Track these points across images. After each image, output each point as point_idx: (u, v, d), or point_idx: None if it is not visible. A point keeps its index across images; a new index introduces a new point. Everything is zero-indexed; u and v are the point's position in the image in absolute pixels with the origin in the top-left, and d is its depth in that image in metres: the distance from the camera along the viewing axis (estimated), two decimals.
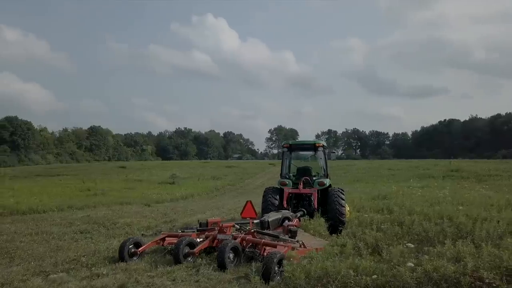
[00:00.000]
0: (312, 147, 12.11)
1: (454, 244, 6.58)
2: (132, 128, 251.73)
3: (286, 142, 12.50)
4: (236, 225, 8.87)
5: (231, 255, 7.14)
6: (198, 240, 8.16)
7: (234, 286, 6.00)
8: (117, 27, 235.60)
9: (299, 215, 10.52)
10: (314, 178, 11.77)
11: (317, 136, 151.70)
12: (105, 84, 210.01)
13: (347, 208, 11.25)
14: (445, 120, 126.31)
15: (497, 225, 7.94)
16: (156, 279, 6.48)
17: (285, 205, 10.95)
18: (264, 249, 7.31)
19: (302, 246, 7.49)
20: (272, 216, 9.25)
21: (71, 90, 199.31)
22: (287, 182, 11.53)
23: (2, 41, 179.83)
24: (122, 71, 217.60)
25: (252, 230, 8.26)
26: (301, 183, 11.41)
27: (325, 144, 12.30)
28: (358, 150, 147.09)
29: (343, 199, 10.63)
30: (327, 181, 11.44)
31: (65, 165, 75.05)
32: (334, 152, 14.55)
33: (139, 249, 7.97)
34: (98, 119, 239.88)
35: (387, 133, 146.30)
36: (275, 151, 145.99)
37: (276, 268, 6.10)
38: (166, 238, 8.48)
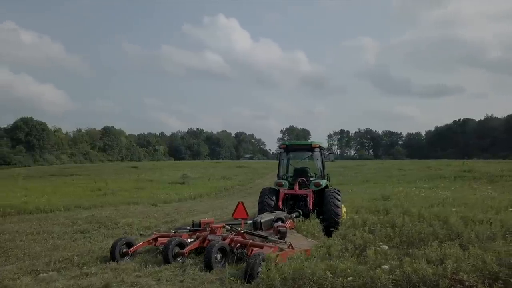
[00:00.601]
0: (309, 148, 12.10)
1: (440, 246, 6.52)
2: (145, 128, 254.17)
3: (283, 143, 12.53)
4: (226, 225, 8.94)
5: (219, 256, 7.20)
6: (189, 240, 8.25)
7: (217, 286, 6.06)
8: (130, 28, 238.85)
9: (294, 216, 10.54)
10: (311, 179, 11.76)
11: (330, 136, 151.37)
12: (118, 84, 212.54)
13: (344, 209, 11.23)
14: (459, 119, 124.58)
15: (489, 227, 7.84)
16: (142, 278, 6.58)
17: (280, 206, 10.98)
18: (252, 249, 7.36)
19: (290, 247, 7.51)
20: (265, 217, 9.29)
21: (85, 91, 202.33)
22: (283, 183, 11.56)
23: (19, 44, 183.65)
24: (135, 71, 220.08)
25: (242, 231, 8.31)
26: (297, 184, 11.42)
27: (322, 145, 12.27)
28: (371, 150, 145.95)
29: (339, 200, 10.63)
30: (323, 182, 11.44)
31: (79, 165, 76.23)
32: (332, 153, 14.44)
33: (131, 249, 8.09)
34: (112, 120, 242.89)
35: (400, 133, 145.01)
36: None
37: (260, 269, 6.14)
38: (158, 238, 8.58)
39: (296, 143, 12.86)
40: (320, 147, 11.97)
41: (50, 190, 26.68)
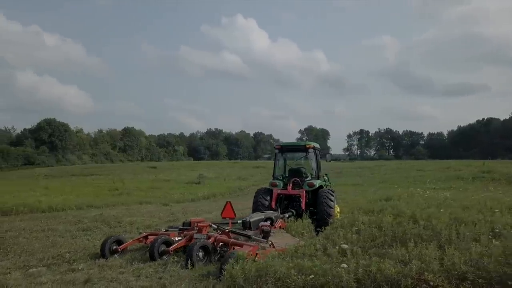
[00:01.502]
0: (303, 148, 12.20)
1: (416, 246, 6.54)
2: (165, 129, 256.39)
3: (278, 143, 12.67)
4: (213, 225, 9.14)
5: (201, 254, 7.42)
6: (177, 239, 8.49)
7: (191, 282, 6.25)
8: (149, 29, 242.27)
9: (287, 215, 10.70)
10: (306, 179, 11.86)
11: (349, 136, 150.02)
12: (138, 85, 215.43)
13: (337, 209, 11.30)
14: (483, 119, 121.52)
15: (473, 228, 7.77)
16: (124, 275, 6.84)
17: (273, 206, 11.14)
18: (233, 248, 7.53)
19: (271, 246, 7.66)
20: (254, 217, 9.48)
21: (106, 92, 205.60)
22: (277, 183, 11.73)
23: (43, 46, 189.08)
24: (154, 72, 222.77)
25: (227, 230, 8.52)
26: (290, 184, 11.55)
27: (316, 145, 12.34)
28: (391, 151, 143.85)
29: (332, 201, 10.74)
30: (317, 183, 11.54)
31: (100, 165, 77.74)
32: (329, 154, 14.43)
33: (120, 246, 8.38)
34: (132, 120, 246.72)
35: (422, 133, 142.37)
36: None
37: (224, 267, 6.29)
38: (149, 237, 8.86)
39: (290, 143, 12.95)
40: (314, 147, 12.06)
41: (69, 190, 27.34)
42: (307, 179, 11.92)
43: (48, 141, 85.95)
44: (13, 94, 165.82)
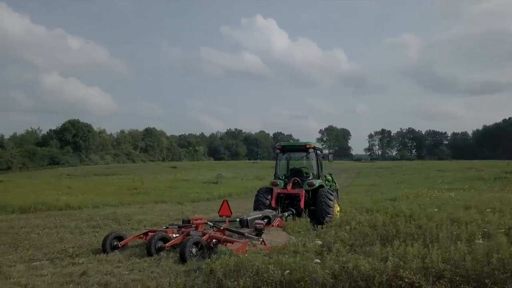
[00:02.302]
0: (303, 148, 12.34)
1: (401, 244, 6.64)
2: (186, 129, 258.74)
3: (279, 143, 12.86)
4: (209, 222, 9.42)
5: (194, 250, 7.69)
6: (174, 235, 8.81)
7: (173, 276, 6.51)
8: (170, 31, 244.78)
9: (286, 214, 10.89)
10: (306, 179, 12.01)
11: (370, 136, 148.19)
12: (159, 86, 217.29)
13: (337, 209, 11.41)
14: (510, 118, 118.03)
15: (465, 228, 7.79)
16: (119, 269, 7.18)
17: (273, 205, 11.35)
18: (226, 244, 7.80)
19: (262, 243, 7.89)
20: (252, 215, 9.73)
21: (128, 93, 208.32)
22: (278, 183, 11.92)
23: (67, 49, 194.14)
24: (175, 73, 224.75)
25: (222, 228, 8.80)
26: (290, 184, 11.72)
27: (317, 145, 12.47)
28: (413, 151, 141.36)
29: (331, 200, 10.87)
30: (317, 182, 11.68)
31: (122, 165, 79.47)
32: (331, 153, 14.44)
33: (121, 242, 8.75)
34: (154, 121, 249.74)
35: (445, 132, 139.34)
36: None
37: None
38: (149, 233, 9.20)
39: (291, 144, 13.14)
40: (315, 147, 12.19)
41: (90, 189, 28.17)
42: (308, 178, 12.07)
43: (72, 141, 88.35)
44: (39, 96, 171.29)
